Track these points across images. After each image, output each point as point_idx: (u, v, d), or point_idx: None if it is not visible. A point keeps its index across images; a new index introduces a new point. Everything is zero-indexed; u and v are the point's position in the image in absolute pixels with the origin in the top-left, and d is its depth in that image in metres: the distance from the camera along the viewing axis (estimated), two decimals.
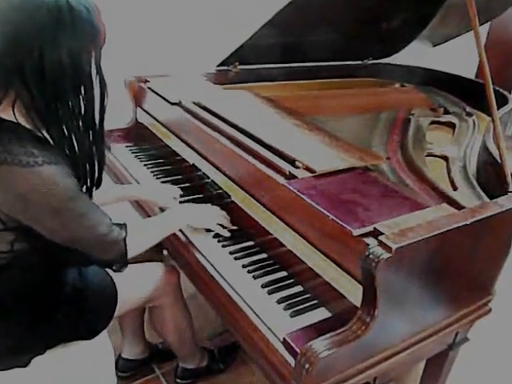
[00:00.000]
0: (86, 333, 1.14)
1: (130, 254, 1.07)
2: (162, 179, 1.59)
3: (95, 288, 1.17)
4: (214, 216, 1.30)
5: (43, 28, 0.88)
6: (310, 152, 1.24)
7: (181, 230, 1.32)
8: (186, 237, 1.31)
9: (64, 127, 0.95)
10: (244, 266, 1.19)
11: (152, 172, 1.65)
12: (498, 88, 1.81)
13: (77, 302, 1.13)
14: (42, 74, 0.89)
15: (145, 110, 1.79)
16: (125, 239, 1.05)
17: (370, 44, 2.10)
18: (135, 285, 1.26)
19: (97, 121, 1.00)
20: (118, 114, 1.92)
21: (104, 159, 1.07)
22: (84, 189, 1.04)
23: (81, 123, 0.98)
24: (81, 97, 0.96)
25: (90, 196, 1.07)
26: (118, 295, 1.19)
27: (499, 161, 1.19)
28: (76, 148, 0.98)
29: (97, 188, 1.08)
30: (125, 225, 1.07)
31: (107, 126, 1.88)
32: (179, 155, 1.60)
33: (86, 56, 0.94)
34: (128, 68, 1.89)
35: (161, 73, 1.85)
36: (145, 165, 1.69)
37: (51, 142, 0.95)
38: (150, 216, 1.48)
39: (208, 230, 1.30)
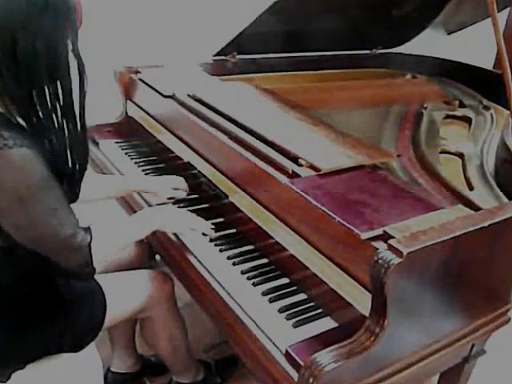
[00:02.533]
0: (72, 346, 1.14)
1: (96, 260, 1.06)
2: None
3: (83, 297, 1.17)
4: (189, 221, 1.27)
5: (14, 9, 0.89)
6: (315, 149, 1.24)
7: (174, 234, 1.32)
8: (180, 241, 1.31)
9: (40, 114, 0.96)
10: (243, 272, 1.19)
11: (143, 170, 1.65)
12: None
13: (62, 312, 1.13)
14: (14, 58, 0.91)
15: (136, 104, 1.79)
16: (89, 244, 1.03)
17: (380, 32, 2.10)
18: (125, 294, 1.26)
19: (76, 107, 1.01)
20: (106, 108, 1.92)
21: (87, 150, 1.07)
22: (65, 184, 1.04)
23: (59, 110, 0.99)
24: (57, 82, 0.97)
25: (77, 193, 1.08)
26: (106, 306, 1.19)
27: None
28: (54, 137, 0.99)
29: (79, 182, 1.08)
30: (89, 228, 1.05)
31: (95, 121, 1.90)
32: (173, 152, 1.60)
33: (61, 38, 0.95)
34: (118, 57, 1.89)
35: (153, 63, 1.85)
36: (136, 162, 1.69)
37: (27, 128, 0.96)
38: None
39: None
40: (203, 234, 1.29)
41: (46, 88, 0.96)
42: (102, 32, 2.06)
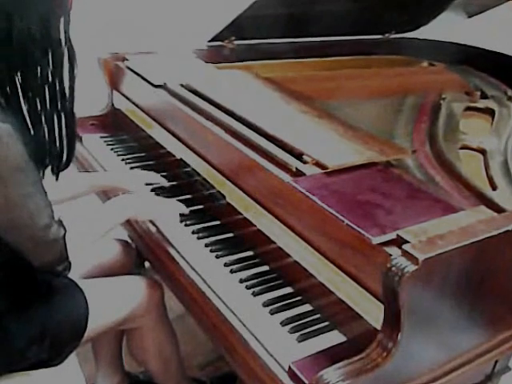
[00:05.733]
0: (48, 356, 1.14)
1: (72, 254, 1.10)
2: None
3: (60, 299, 1.19)
4: (168, 208, 1.34)
5: None
6: (321, 144, 1.24)
7: (166, 237, 1.32)
8: (171, 245, 1.31)
9: (29, 95, 1.03)
10: (241, 281, 1.19)
11: (132, 168, 1.65)
12: None
13: (37, 312, 1.15)
14: (9, 41, 0.98)
15: (123, 94, 1.79)
16: (64, 237, 1.08)
17: (393, 15, 2.10)
18: (110, 301, 1.27)
19: (67, 92, 1.08)
20: (90, 99, 1.92)
21: (74, 136, 1.13)
22: (50, 169, 1.11)
23: (48, 93, 1.05)
24: (49, 65, 1.03)
25: (56, 178, 1.14)
26: (88, 309, 1.20)
27: None
28: (42, 121, 1.05)
29: (64, 169, 1.14)
30: (61, 221, 1.10)
31: (77, 114, 1.90)
32: (164, 148, 1.60)
33: (54, 22, 1.02)
34: (103, 43, 1.89)
35: (142, 49, 1.85)
36: (123, 159, 1.69)
37: (4, 105, 1.01)
38: None
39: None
40: (208, 245, 1.30)
41: (38, 69, 1.02)
42: (85, 15, 2.06)
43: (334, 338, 1.05)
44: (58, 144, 1.10)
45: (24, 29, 0.98)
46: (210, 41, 1.94)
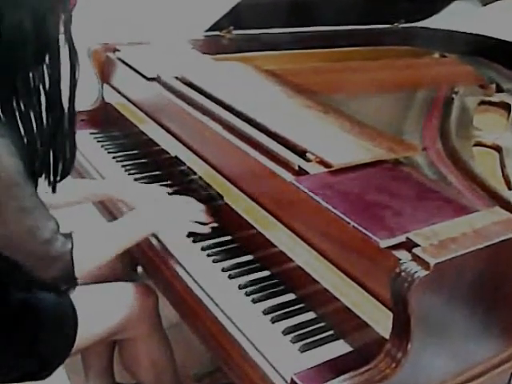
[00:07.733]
0: (37, 369, 1.15)
1: (79, 271, 1.09)
2: (136, 175, 1.60)
3: (49, 311, 1.18)
4: (188, 213, 1.31)
5: None
6: (326, 141, 1.24)
7: (160, 240, 1.32)
8: (166, 249, 1.31)
9: (21, 102, 1.00)
10: (241, 287, 1.19)
11: (123, 166, 1.65)
12: None
13: (25, 326, 1.15)
14: None
15: (114, 88, 1.80)
16: (71, 252, 1.06)
17: (403, 2, 2.10)
18: (100, 310, 1.27)
19: (65, 97, 1.05)
20: (79, 93, 1.92)
21: (74, 144, 1.11)
22: (46, 182, 1.09)
23: (43, 99, 1.02)
24: (44, 68, 1.01)
25: (53, 191, 1.12)
26: (77, 322, 1.20)
27: None
28: (35, 129, 1.02)
29: (60, 180, 1.12)
30: (70, 235, 1.08)
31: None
32: (158, 145, 1.60)
33: (52, 19, 0.98)
34: (92, 33, 1.89)
35: (135, 39, 1.85)
36: (114, 157, 1.70)
37: (1, 117, 0.99)
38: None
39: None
40: (204, 249, 1.30)
41: (30, 73, 0.99)
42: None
43: (340, 347, 1.05)
44: (54, 155, 1.08)
45: (15, 22, 0.94)
46: (207, 30, 1.94)
